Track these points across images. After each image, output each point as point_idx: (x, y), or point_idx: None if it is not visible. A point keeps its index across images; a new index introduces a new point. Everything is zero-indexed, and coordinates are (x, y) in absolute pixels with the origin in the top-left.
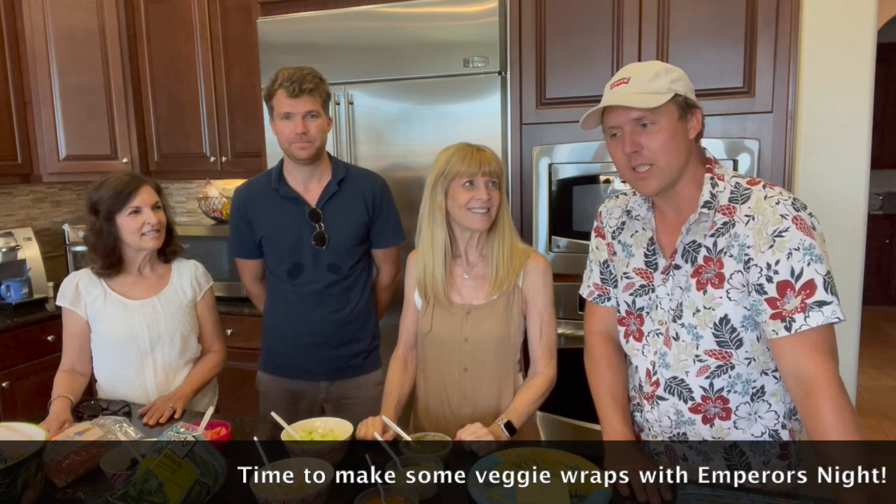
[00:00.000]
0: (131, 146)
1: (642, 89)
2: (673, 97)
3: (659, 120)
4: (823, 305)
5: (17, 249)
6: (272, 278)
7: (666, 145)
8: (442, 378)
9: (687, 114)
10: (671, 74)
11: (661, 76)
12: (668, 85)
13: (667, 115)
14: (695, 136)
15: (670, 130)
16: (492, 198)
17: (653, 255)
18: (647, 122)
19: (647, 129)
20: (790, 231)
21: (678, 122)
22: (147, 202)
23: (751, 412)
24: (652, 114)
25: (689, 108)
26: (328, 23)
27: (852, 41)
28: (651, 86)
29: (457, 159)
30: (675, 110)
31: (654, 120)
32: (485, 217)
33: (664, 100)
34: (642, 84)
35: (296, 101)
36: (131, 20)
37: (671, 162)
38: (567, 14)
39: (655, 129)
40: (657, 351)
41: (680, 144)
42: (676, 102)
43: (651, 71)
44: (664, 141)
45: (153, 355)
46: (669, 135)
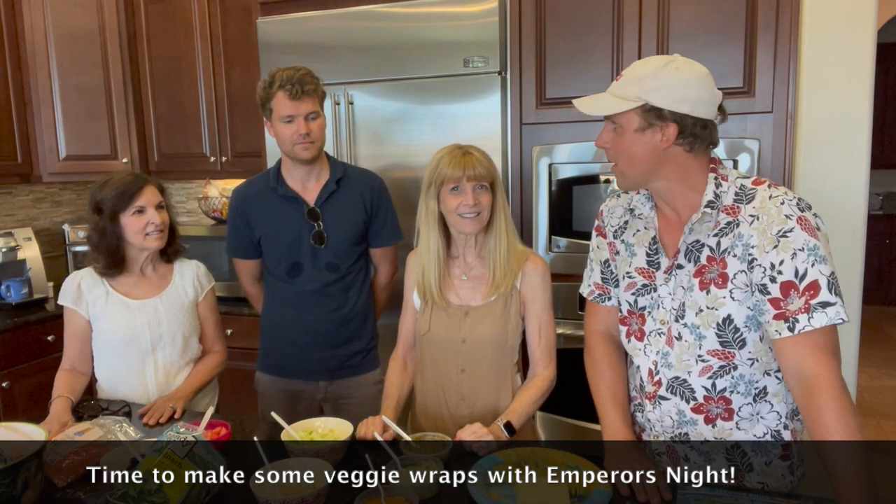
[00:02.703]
0: (131, 146)
1: (618, 91)
2: (641, 106)
3: (622, 125)
4: (827, 306)
5: (17, 249)
6: (271, 278)
7: (623, 151)
8: (440, 378)
9: (653, 125)
10: (654, 82)
11: (641, 82)
12: (640, 93)
13: (626, 123)
14: (668, 147)
15: (628, 138)
16: (480, 202)
17: (655, 254)
18: (614, 124)
19: (615, 131)
20: (795, 231)
21: (635, 131)
22: (151, 202)
23: (753, 413)
24: (617, 117)
25: (660, 119)
26: (328, 23)
27: (852, 41)
28: (623, 90)
29: (444, 164)
30: (636, 120)
31: (619, 124)
32: (474, 221)
33: (624, 107)
34: (621, 86)
35: (298, 103)
36: (131, 20)
37: (628, 168)
38: (567, 14)
39: (619, 132)
40: (659, 351)
41: (638, 153)
42: (641, 112)
43: (637, 73)
44: (623, 146)
45: (154, 355)
46: (627, 141)
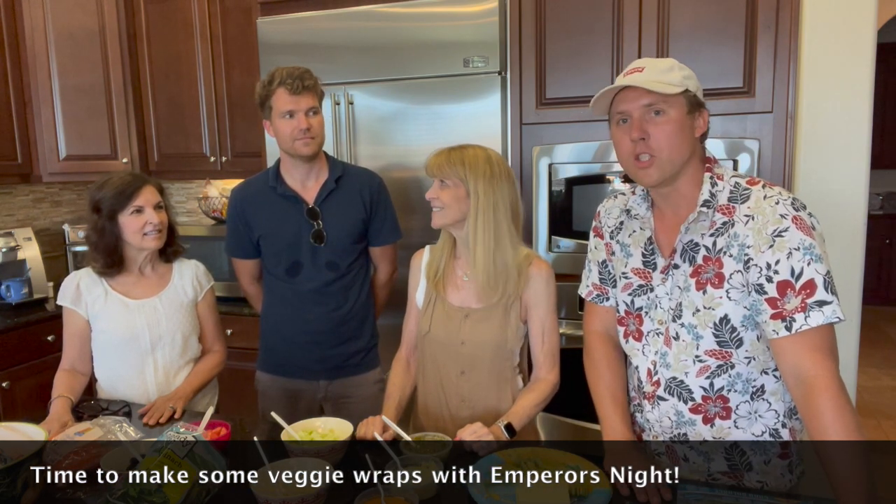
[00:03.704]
0: (131, 146)
1: (657, 78)
2: (684, 91)
3: (669, 110)
4: (824, 305)
5: (17, 249)
6: (270, 277)
7: (672, 137)
8: (440, 380)
9: (695, 111)
10: (684, 71)
11: (674, 70)
12: (681, 80)
13: (677, 107)
14: (699, 136)
15: (678, 123)
16: (440, 196)
17: (651, 254)
18: (658, 110)
19: (657, 119)
20: (790, 231)
21: (686, 116)
22: (150, 202)
23: (751, 411)
24: (664, 102)
25: (697, 105)
26: (328, 23)
27: (852, 41)
28: (665, 77)
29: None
30: (685, 104)
31: (665, 109)
32: (436, 214)
33: (677, 90)
34: (656, 74)
35: (299, 98)
36: (131, 20)
37: (674, 155)
38: (567, 14)
39: (664, 119)
40: (658, 351)
41: (685, 139)
42: (687, 97)
43: (665, 64)
44: (671, 132)
45: (154, 355)
46: (677, 127)
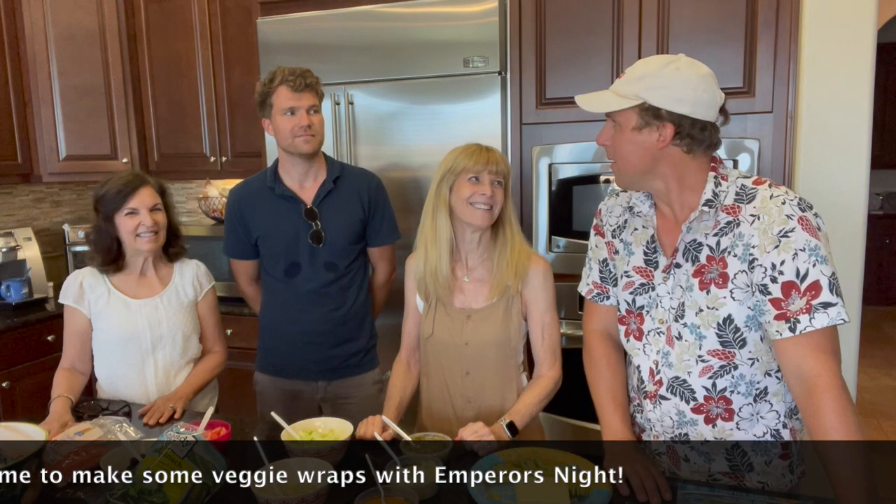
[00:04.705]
0: (131, 146)
1: (619, 89)
2: (639, 105)
3: (622, 122)
4: (828, 307)
5: (17, 249)
6: (268, 278)
7: (620, 149)
8: (444, 381)
9: (650, 124)
10: (654, 81)
11: (642, 80)
12: (639, 92)
13: (624, 121)
14: (665, 147)
15: (625, 136)
16: (495, 195)
17: (653, 253)
18: (615, 121)
19: (615, 128)
20: (796, 231)
21: (632, 130)
22: (145, 203)
23: (753, 413)
24: (618, 114)
25: (657, 118)
26: (328, 23)
27: (852, 41)
28: (626, 88)
29: (464, 156)
30: (634, 119)
31: (619, 122)
32: (486, 214)
33: (622, 105)
34: (622, 84)
35: (300, 95)
36: (131, 20)
37: (625, 165)
38: (567, 14)
39: (617, 129)
40: (660, 350)
41: (634, 152)
42: (639, 110)
43: (639, 72)
44: (620, 143)
45: (154, 355)
46: (624, 139)
